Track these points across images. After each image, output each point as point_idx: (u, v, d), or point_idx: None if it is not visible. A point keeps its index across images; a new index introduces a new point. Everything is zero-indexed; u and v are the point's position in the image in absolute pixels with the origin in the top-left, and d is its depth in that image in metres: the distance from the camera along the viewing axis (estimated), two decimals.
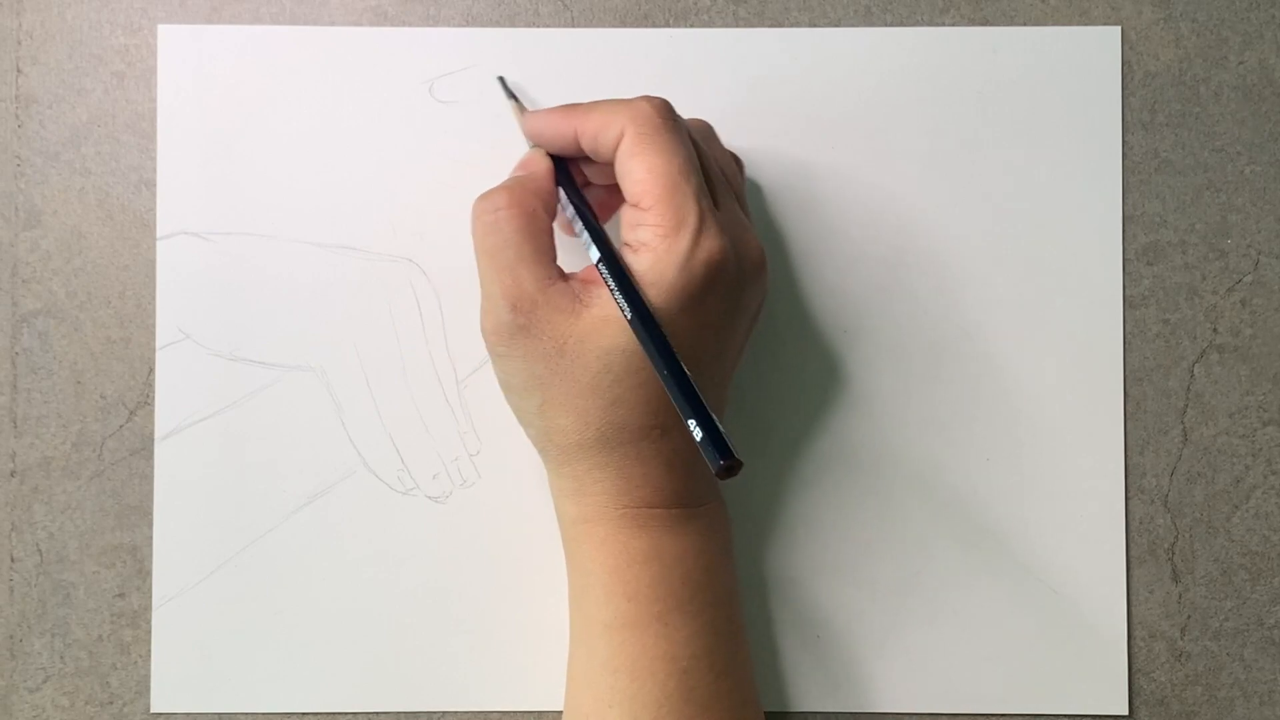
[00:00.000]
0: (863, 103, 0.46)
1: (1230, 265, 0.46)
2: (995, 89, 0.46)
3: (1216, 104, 0.47)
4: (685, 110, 0.41)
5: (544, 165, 0.42)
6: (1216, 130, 0.47)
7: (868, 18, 0.47)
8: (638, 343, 0.38)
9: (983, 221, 0.46)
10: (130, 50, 0.46)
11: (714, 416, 0.36)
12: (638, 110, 0.39)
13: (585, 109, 0.40)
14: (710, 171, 0.40)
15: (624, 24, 0.46)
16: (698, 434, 0.36)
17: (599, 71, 0.46)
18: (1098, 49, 0.47)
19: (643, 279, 0.38)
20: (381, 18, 0.46)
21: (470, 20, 0.47)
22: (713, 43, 0.46)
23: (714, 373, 0.40)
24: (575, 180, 0.42)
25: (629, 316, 0.37)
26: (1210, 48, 0.47)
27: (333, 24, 0.46)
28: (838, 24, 0.47)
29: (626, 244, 0.39)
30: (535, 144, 0.43)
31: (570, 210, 0.41)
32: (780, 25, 0.46)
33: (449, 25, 0.46)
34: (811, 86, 0.46)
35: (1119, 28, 0.47)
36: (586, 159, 0.42)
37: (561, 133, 0.41)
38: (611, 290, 0.38)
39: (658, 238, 0.38)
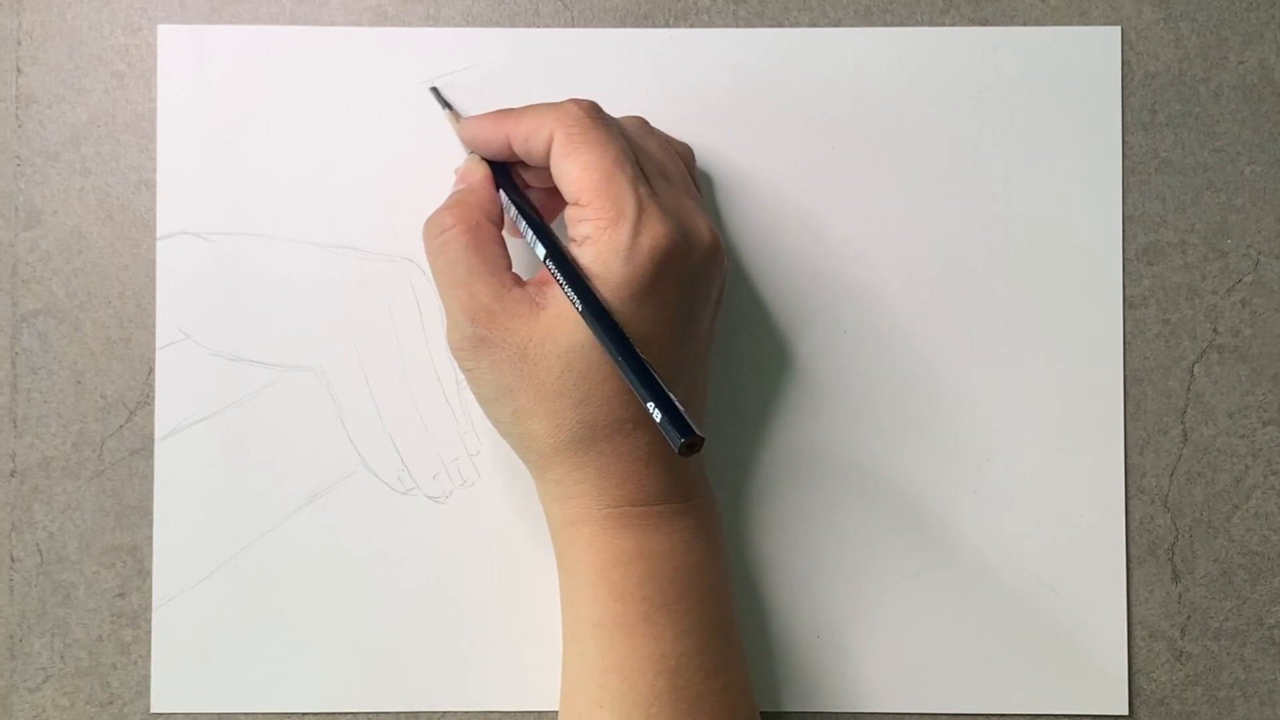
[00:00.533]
0: (863, 103, 0.46)
1: (1230, 265, 0.46)
2: (995, 89, 0.46)
3: (1216, 104, 0.47)
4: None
5: (481, 173, 0.42)
6: (1216, 130, 0.47)
7: (868, 18, 0.47)
8: (596, 337, 0.38)
9: (982, 221, 0.46)
10: (130, 50, 0.46)
11: (671, 396, 0.36)
12: (566, 112, 0.40)
13: (516, 114, 0.41)
14: (645, 164, 0.40)
15: (624, 24, 0.46)
16: (657, 415, 0.36)
17: (599, 71, 0.46)
18: (1098, 49, 0.46)
19: (589, 270, 0.38)
20: (381, 18, 0.46)
21: (470, 20, 0.47)
22: (713, 43, 0.46)
23: (679, 359, 0.40)
24: (516, 182, 0.43)
25: (579, 308, 0.38)
26: (1210, 48, 0.47)
27: (333, 24, 0.46)
28: (838, 24, 0.47)
29: (572, 240, 0.39)
30: (472, 151, 0.43)
31: (514, 211, 0.41)
32: (780, 25, 0.46)
33: (449, 25, 0.46)
34: (811, 86, 0.46)
35: (1119, 28, 0.47)
36: (524, 163, 0.42)
37: (494, 139, 0.41)
38: (560, 283, 0.38)
39: (599, 229, 0.38)
